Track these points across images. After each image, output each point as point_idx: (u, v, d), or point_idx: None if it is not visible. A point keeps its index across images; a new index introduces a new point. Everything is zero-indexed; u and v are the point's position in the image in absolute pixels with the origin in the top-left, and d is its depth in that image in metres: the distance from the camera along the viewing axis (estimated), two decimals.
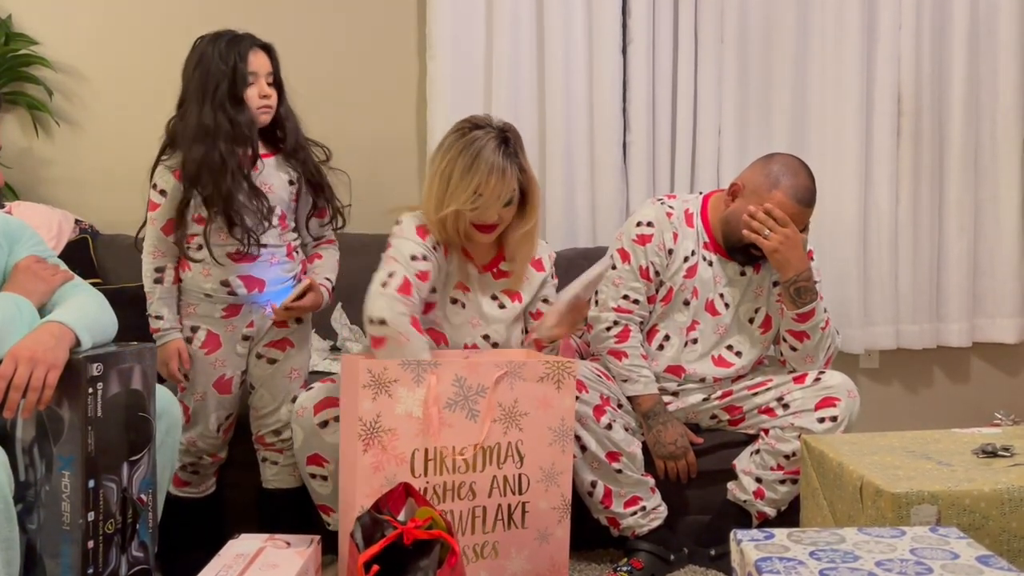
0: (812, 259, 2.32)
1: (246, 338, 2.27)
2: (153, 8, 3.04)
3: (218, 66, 2.16)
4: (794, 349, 2.33)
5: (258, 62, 2.20)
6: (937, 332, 3.22)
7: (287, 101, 2.29)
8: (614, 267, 2.36)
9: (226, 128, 2.14)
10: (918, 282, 3.17)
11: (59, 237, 2.75)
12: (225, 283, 2.22)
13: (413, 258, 2.01)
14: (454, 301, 2.15)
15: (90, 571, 1.65)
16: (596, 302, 2.39)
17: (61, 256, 2.01)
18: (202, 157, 2.13)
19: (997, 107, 3.17)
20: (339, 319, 2.73)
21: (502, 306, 2.18)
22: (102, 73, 3.05)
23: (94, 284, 1.99)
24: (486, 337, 2.16)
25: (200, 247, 2.19)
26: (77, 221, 2.87)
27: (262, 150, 2.25)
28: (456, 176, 2.02)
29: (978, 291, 3.23)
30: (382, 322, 1.90)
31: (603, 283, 2.38)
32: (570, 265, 2.88)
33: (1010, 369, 3.34)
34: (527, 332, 2.22)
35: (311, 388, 2.12)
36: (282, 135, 2.28)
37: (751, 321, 2.39)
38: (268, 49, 2.24)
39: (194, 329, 2.24)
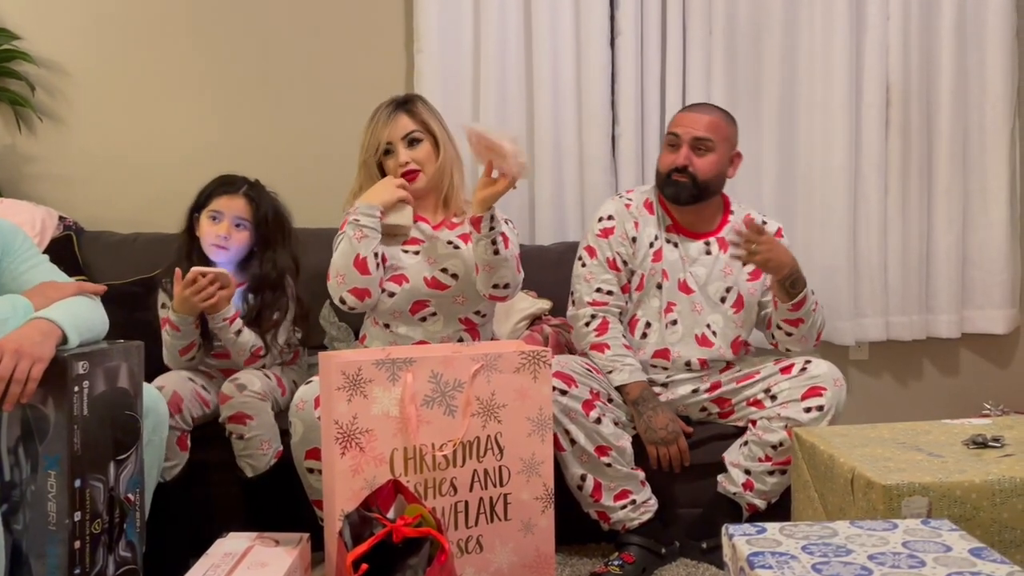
0: (782, 237, 2.39)
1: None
2: (136, 2, 3.01)
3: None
4: (789, 335, 2.37)
5: (223, 204, 2.35)
6: (927, 323, 3.22)
7: (269, 231, 2.41)
8: (583, 265, 2.41)
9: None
10: (907, 273, 3.18)
11: (43, 234, 2.72)
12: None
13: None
14: (405, 251, 2.29)
15: (77, 571, 1.64)
16: (573, 302, 2.41)
17: (44, 253, 1.99)
18: None
19: (985, 97, 3.16)
20: (327, 316, 2.71)
21: (456, 247, 2.30)
22: (85, 68, 3.02)
23: (79, 281, 1.98)
24: (444, 270, 2.27)
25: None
26: (61, 218, 2.84)
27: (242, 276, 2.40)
28: (363, 137, 2.30)
29: (967, 282, 3.24)
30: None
31: (577, 282, 2.40)
32: (560, 259, 2.87)
33: (999, 360, 3.35)
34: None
35: (310, 382, 2.11)
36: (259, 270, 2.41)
37: (723, 300, 2.41)
38: (249, 196, 2.37)
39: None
